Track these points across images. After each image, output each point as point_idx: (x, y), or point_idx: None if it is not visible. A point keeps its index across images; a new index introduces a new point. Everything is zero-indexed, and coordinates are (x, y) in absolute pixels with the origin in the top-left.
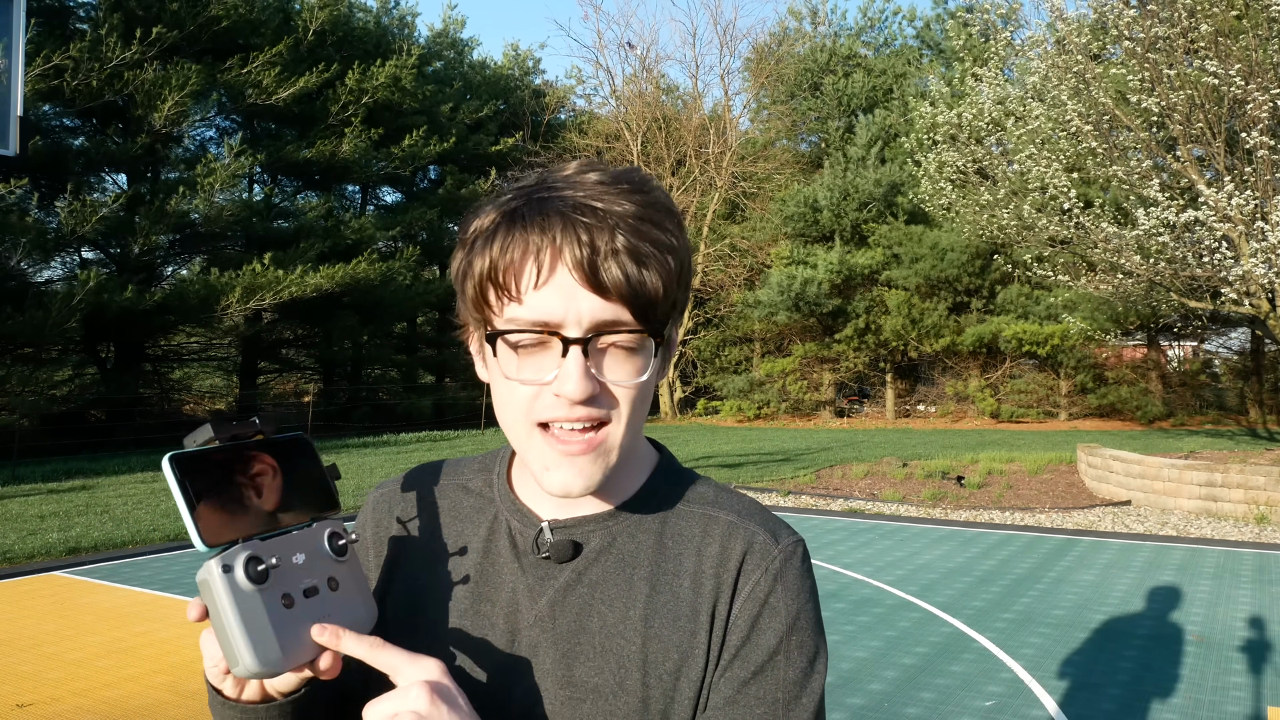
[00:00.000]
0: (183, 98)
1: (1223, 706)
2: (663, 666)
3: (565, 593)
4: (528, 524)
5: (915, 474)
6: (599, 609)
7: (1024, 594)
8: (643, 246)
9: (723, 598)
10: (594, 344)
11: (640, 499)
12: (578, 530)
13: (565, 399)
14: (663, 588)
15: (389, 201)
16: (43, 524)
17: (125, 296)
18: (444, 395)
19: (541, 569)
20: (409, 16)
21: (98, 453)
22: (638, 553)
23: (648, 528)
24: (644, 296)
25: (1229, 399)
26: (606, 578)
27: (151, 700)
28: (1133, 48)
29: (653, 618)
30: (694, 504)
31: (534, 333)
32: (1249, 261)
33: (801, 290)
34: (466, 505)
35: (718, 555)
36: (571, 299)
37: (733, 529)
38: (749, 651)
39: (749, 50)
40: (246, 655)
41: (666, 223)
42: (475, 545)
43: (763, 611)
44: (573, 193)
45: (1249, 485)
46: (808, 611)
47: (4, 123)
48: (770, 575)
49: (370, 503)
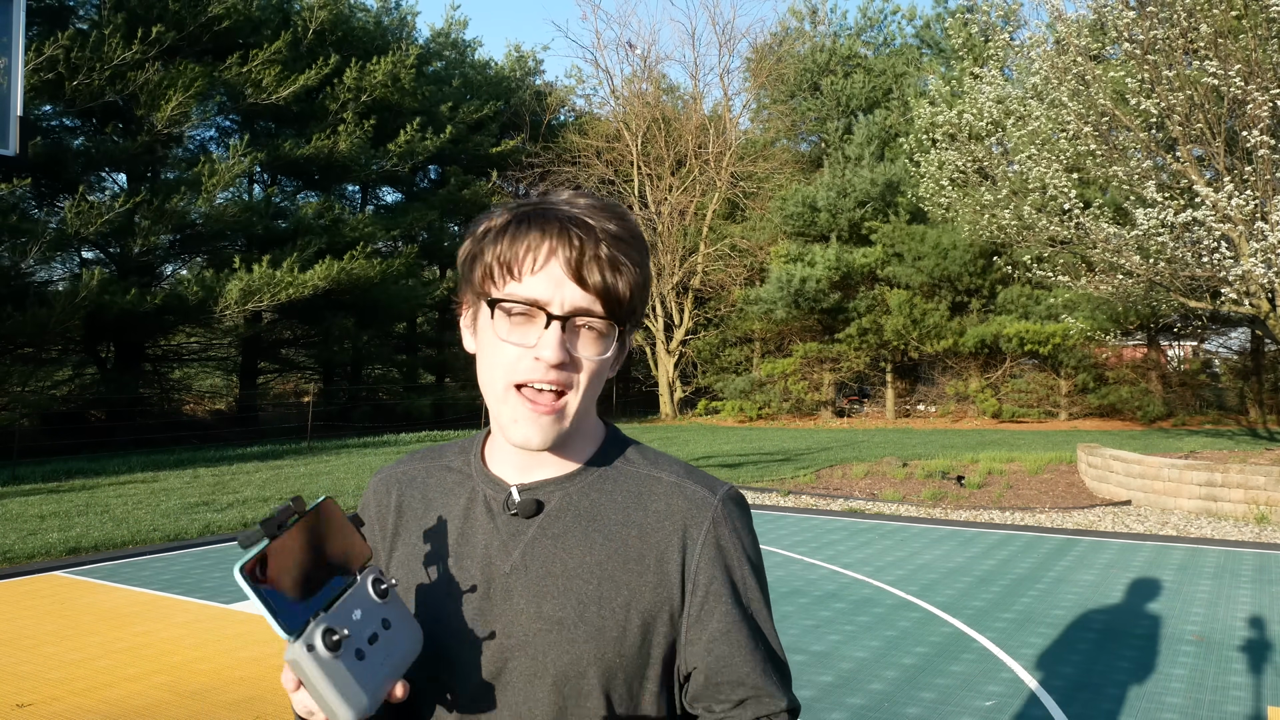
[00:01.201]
0: (186, 99)
1: (1223, 706)
2: (615, 601)
3: (533, 544)
4: (498, 490)
5: (915, 474)
6: (561, 556)
7: (1024, 594)
8: (619, 258)
9: (672, 547)
10: (571, 322)
11: (592, 464)
12: (540, 491)
13: (543, 362)
14: (614, 537)
15: (389, 202)
16: (43, 524)
17: (128, 299)
18: (444, 395)
19: (512, 526)
20: (409, 16)
21: (98, 453)
22: (592, 509)
23: (600, 487)
24: (613, 296)
25: (1229, 399)
26: (567, 530)
27: (151, 700)
28: (1132, 49)
29: (606, 562)
30: (638, 466)
31: (526, 304)
32: (1249, 261)
33: (801, 287)
34: (449, 481)
35: (663, 510)
36: (559, 286)
37: (674, 488)
38: (715, 589)
39: (749, 50)
40: (343, 711)
41: (639, 246)
42: (456, 513)
43: (718, 553)
44: (569, 209)
45: (1249, 485)
46: (743, 540)
47: (4, 123)
48: (714, 521)
49: (371, 487)
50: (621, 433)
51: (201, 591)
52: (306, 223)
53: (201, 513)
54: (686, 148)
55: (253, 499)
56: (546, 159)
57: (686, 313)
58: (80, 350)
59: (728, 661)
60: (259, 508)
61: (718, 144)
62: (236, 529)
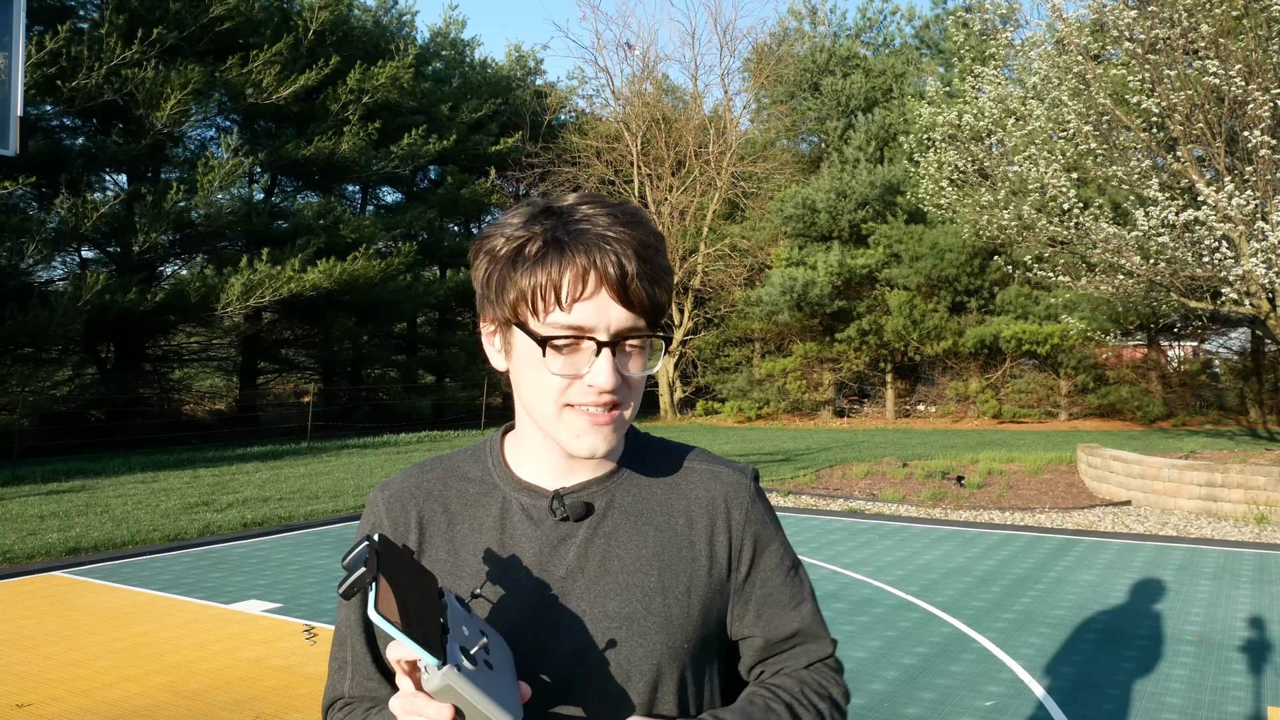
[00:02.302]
0: (184, 96)
1: (1223, 706)
2: (676, 589)
3: (587, 545)
4: (536, 496)
5: (915, 474)
6: (617, 553)
7: (1024, 594)
8: (657, 270)
9: (719, 528)
10: (621, 345)
11: (626, 462)
12: (585, 493)
13: (596, 388)
14: (664, 528)
15: (389, 201)
16: (43, 524)
17: (129, 298)
18: (444, 395)
19: (560, 530)
20: (408, 16)
21: (98, 453)
22: (637, 504)
23: (639, 483)
24: (657, 309)
25: (1229, 399)
26: (618, 528)
27: (151, 700)
28: (1133, 48)
29: (662, 553)
30: (670, 459)
31: (573, 336)
32: (1249, 261)
33: (804, 292)
34: (471, 492)
35: (705, 498)
36: (604, 311)
37: (709, 474)
38: (762, 559)
39: (749, 50)
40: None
41: (664, 249)
42: (489, 523)
43: (759, 527)
44: (600, 229)
45: (1249, 485)
46: (772, 513)
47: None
48: (749, 499)
49: (381, 505)
50: (635, 426)
51: (201, 591)
52: (307, 223)
53: (201, 513)
54: (687, 148)
55: (253, 499)
56: (546, 159)
57: (686, 313)
58: (80, 350)
59: (780, 621)
60: (259, 508)
61: (718, 144)
62: (236, 529)
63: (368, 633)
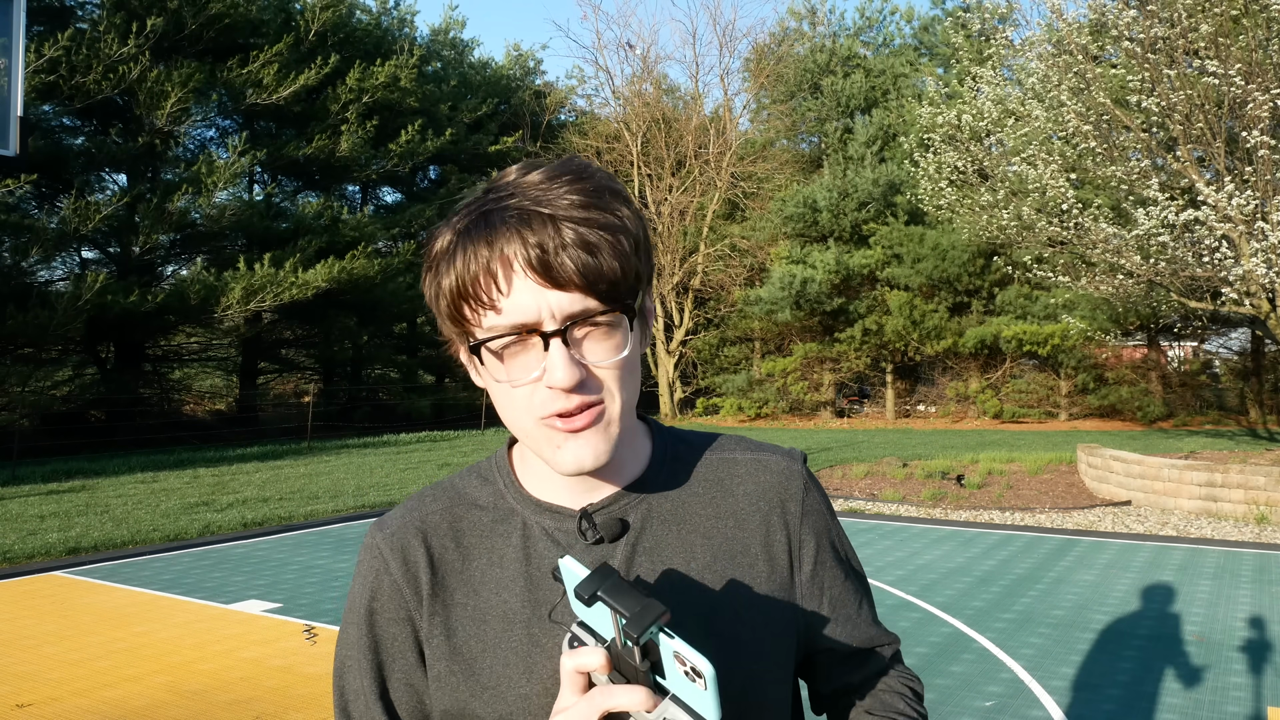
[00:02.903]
0: (184, 94)
1: (1223, 706)
2: (737, 602)
3: (628, 566)
4: (560, 518)
5: (915, 474)
6: (664, 571)
7: (1024, 594)
8: (590, 234)
9: (775, 525)
10: (571, 333)
11: (656, 464)
12: (615, 507)
13: (557, 389)
14: (712, 535)
15: (389, 201)
16: (43, 524)
17: (130, 300)
18: (444, 395)
19: (593, 554)
20: (409, 16)
21: (98, 453)
22: (677, 511)
23: (676, 485)
24: (602, 280)
25: (1229, 399)
26: (660, 542)
27: (151, 700)
28: (1133, 48)
29: (714, 564)
30: (706, 453)
31: (513, 335)
32: (1249, 261)
33: (802, 289)
34: (485, 521)
35: (754, 491)
36: (539, 297)
37: (756, 465)
38: (824, 556)
39: (749, 50)
40: None
41: (612, 203)
42: (512, 556)
43: (816, 518)
44: (516, 200)
45: (1249, 485)
46: (826, 499)
47: (4, 123)
48: (803, 488)
49: (384, 547)
50: (657, 421)
51: (201, 591)
52: (307, 223)
53: (201, 513)
54: (687, 148)
55: (252, 499)
56: (546, 159)
57: (686, 313)
58: (80, 350)
59: (853, 628)
60: (259, 508)
61: (718, 144)
62: (236, 529)
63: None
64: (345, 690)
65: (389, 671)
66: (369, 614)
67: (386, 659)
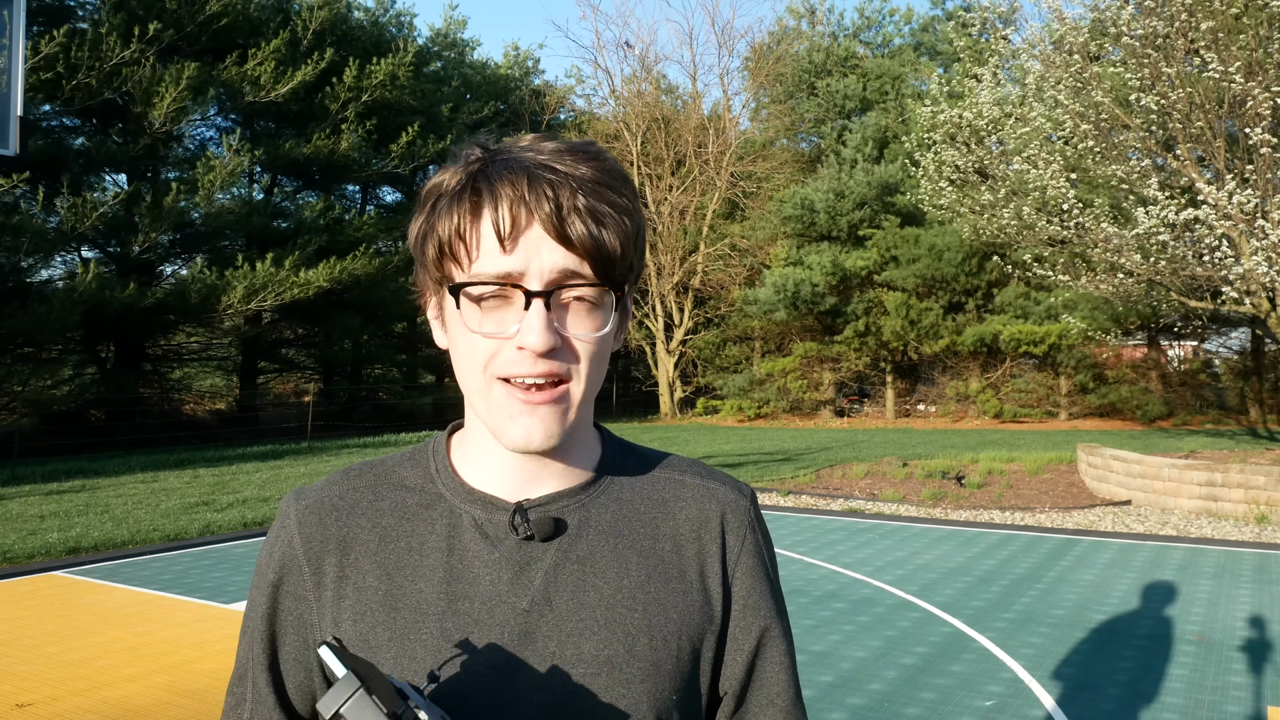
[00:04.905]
0: (180, 93)
1: (1223, 706)
2: (666, 629)
3: (556, 572)
4: (493, 510)
5: (915, 474)
6: (594, 582)
7: (1024, 594)
8: (601, 207)
9: (710, 555)
10: (556, 298)
11: (602, 471)
12: (553, 506)
13: (528, 351)
14: (649, 553)
15: (389, 201)
16: (43, 524)
17: (126, 293)
18: (444, 395)
19: (522, 552)
20: (406, 16)
21: (98, 453)
22: (616, 523)
23: (617, 498)
24: (605, 253)
25: (1229, 399)
26: (594, 551)
27: (151, 700)
28: (1132, 45)
29: (647, 584)
30: (654, 470)
31: (497, 284)
32: (1249, 260)
33: (797, 290)
34: (410, 504)
35: (696, 517)
36: (536, 253)
37: (702, 491)
38: (756, 600)
39: (747, 50)
40: None
41: (622, 188)
42: (435, 544)
43: (756, 561)
44: (534, 155)
45: (1249, 485)
46: (771, 550)
47: (4, 123)
48: (748, 526)
49: (294, 518)
50: (610, 430)
51: (201, 591)
52: (307, 222)
53: (201, 513)
54: (686, 148)
55: (253, 499)
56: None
57: (686, 312)
58: (80, 350)
59: (770, 678)
60: (259, 508)
61: (717, 144)
62: (237, 529)
63: (273, 670)
64: (240, 653)
65: (280, 643)
66: (271, 584)
67: (279, 630)
